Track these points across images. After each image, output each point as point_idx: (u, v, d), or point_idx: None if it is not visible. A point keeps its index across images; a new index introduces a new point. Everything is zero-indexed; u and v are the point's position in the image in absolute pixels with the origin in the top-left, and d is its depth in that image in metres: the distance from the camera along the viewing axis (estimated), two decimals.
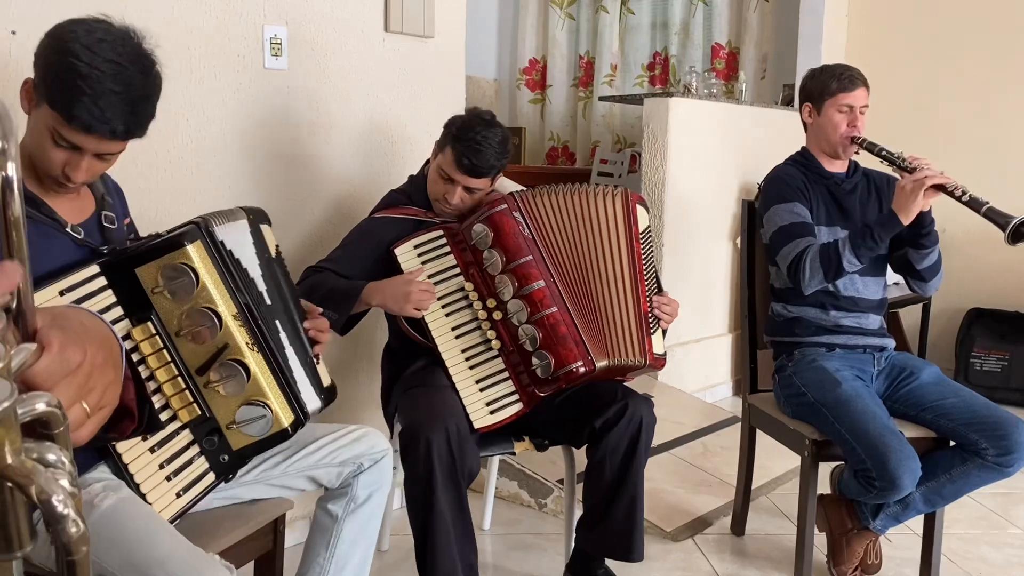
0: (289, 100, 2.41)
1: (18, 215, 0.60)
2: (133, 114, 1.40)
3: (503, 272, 2.06)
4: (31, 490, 0.54)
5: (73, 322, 0.66)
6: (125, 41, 1.39)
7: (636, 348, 2.10)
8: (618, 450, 2.05)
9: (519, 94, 5.90)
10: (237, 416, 1.51)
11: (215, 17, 2.22)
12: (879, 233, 2.17)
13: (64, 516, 0.54)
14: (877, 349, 2.38)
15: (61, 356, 0.61)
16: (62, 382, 0.62)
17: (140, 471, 1.45)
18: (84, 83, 1.34)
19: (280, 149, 2.41)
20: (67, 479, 0.58)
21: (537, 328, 2.04)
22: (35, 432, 0.59)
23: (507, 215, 2.08)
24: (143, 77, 1.41)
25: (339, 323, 2.03)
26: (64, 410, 0.59)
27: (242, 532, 1.62)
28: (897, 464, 2.00)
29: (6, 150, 0.58)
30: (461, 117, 2.15)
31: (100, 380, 0.67)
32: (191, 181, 2.22)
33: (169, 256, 1.44)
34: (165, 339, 1.47)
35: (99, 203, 1.57)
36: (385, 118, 2.66)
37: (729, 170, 4.19)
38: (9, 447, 0.53)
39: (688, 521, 2.74)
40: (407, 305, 2.01)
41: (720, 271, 4.25)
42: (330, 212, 2.55)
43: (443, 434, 1.89)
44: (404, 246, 2.12)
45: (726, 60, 5.34)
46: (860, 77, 2.39)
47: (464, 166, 2.08)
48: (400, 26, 2.62)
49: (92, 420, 0.66)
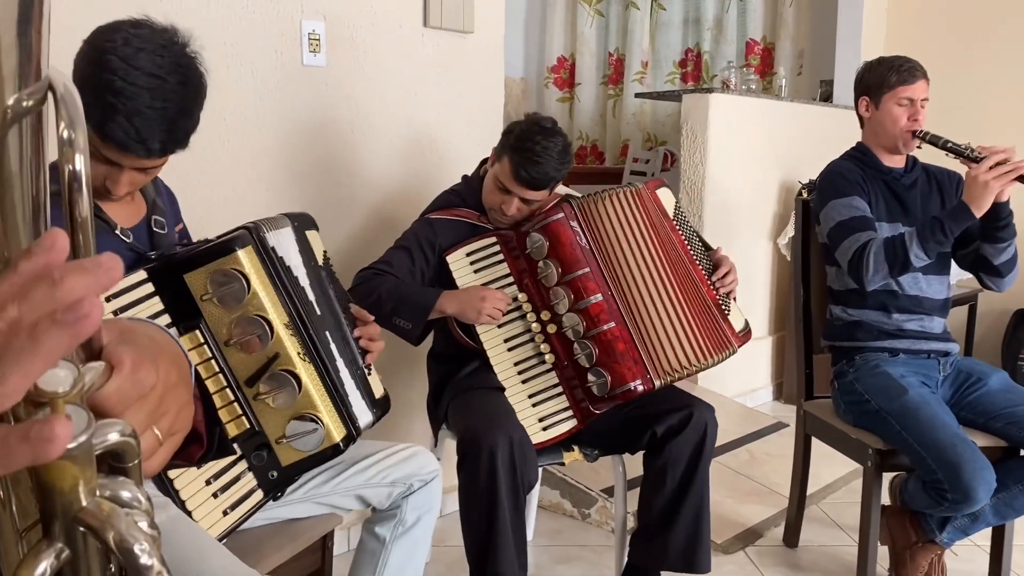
0: (327, 97, 2.33)
1: (86, 215, 0.51)
2: (171, 131, 1.33)
3: (558, 284, 1.97)
4: (109, 537, 0.46)
5: (143, 337, 0.58)
6: (166, 48, 1.31)
7: (708, 350, 2.03)
8: (682, 458, 1.97)
9: (547, 92, 5.80)
10: (287, 430, 1.44)
11: (252, 12, 2.15)
12: (950, 226, 2.06)
13: (148, 568, 0.46)
14: (942, 354, 2.28)
15: (134, 377, 0.53)
16: (135, 406, 0.54)
17: (186, 487, 1.38)
18: (118, 100, 1.26)
19: (318, 147, 2.34)
20: (146, 521, 0.50)
21: (594, 344, 1.96)
22: (104, 465, 0.51)
23: (564, 224, 1.99)
24: (183, 89, 1.33)
25: (414, 334, 1.98)
26: (138, 438, 0.52)
27: (290, 550, 1.54)
28: (972, 475, 1.90)
29: (73, 140, 0.50)
30: (520, 124, 2.03)
31: (173, 402, 0.59)
32: (228, 179, 2.16)
33: (219, 261, 1.38)
34: (213, 348, 1.40)
35: (150, 207, 1.53)
36: (423, 115, 2.58)
37: (770, 168, 4.08)
38: (83, 486, 0.46)
39: (739, 532, 2.65)
40: (482, 315, 1.95)
41: (761, 272, 4.14)
42: (368, 210, 2.48)
43: (507, 443, 1.82)
44: (456, 253, 2.04)
45: (761, 56, 5.23)
46: (920, 69, 2.29)
47: (522, 178, 1.97)
48: (439, 21, 2.54)
49: (164, 447, 0.59)
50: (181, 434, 0.62)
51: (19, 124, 0.46)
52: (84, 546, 0.47)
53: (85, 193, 0.51)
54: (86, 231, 0.52)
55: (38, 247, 0.41)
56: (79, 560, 0.47)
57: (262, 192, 2.22)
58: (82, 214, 0.51)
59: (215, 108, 2.08)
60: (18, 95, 0.44)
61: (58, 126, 0.50)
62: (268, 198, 2.22)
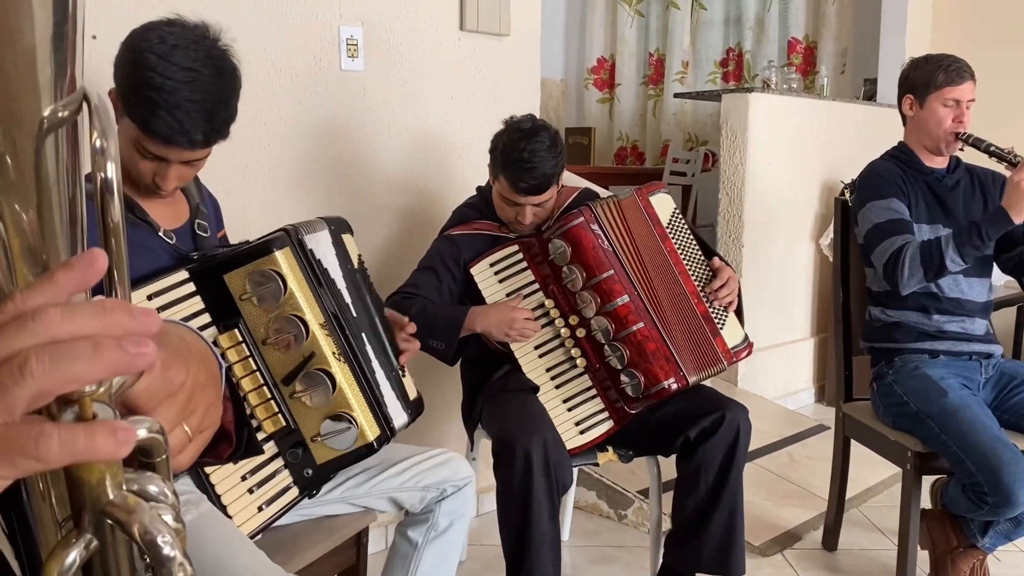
0: (365, 102, 2.37)
1: (118, 221, 0.54)
2: (211, 121, 1.37)
3: (584, 289, 1.98)
4: (134, 529, 0.48)
5: (174, 338, 0.61)
6: (198, 43, 1.35)
7: (700, 361, 2.02)
8: (715, 460, 1.96)
9: (587, 94, 5.81)
10: (322, 429, 1.47)
11: (291, 19, 2.19)
12: (987, 231, 2.03)
13: (171, 559, 0.48)
14: (984, 356, 2.24)
15: (164, 375, 0.55)
16: (164, 404, 0.56)
17: (222, 482, 1.42)
18: (159, 95, 1.31)
19: (356, 151, 2.37)
20: (171, 514, 0.52)
21: (624, 346, 1.96)
22: (134, 460, 0.53)
23: (585, 228, 1.99)
24: (219, 79, 1.37)
25: (448, 354, 2.00)
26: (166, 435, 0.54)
27: (325, 547, 1.57)
28: (1013, 478, 1.87)
29: (105, 149, 0.52)
30: (502, 137, 2.02)
31: (202, 401, 0.61)
32: (268, 182, 2.20)
33: (257, 262, 1.42)
34: (251, 347, 1.44)
35: (193, 211, 1.56)
36: (460, 118, 2.60)
37: (811, 168, 4.04)
38: (111, 480, 0.47)
39: (777, 535, 2.62)
40: (511, 335, 1.98)
41: (802, 273, 4.10)
42: (404, 214, 2.51)
43: (541, 445, 1.83)
44: (480, 264, 2.06)
45: (803, 55, 5.18)
46: (968, 69, 2.25)
47: (522, 189, 1.98)
48: (476, 24, 2.56)
49: (193, 444, 0.61)
50: (210, 431, 0.64)
51: (55, 133, 0.48)
52: (112, 538, 0.49)
53: (117, 200, 0.53)
54: (118, 236, 0.54)
55: (79, 262, 0.44)
56: (107, 551, 0.50)
57: (301, 195, 2.26)
58: (114, 219, 0.54)
59: (255, 113, 2.13)
60: (54, 106, 0.47)
61: (91, 135, 0.53)
62: (307, 201, 2.26)
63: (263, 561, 1.34)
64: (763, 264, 3.85)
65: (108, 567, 0.50)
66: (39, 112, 0.46)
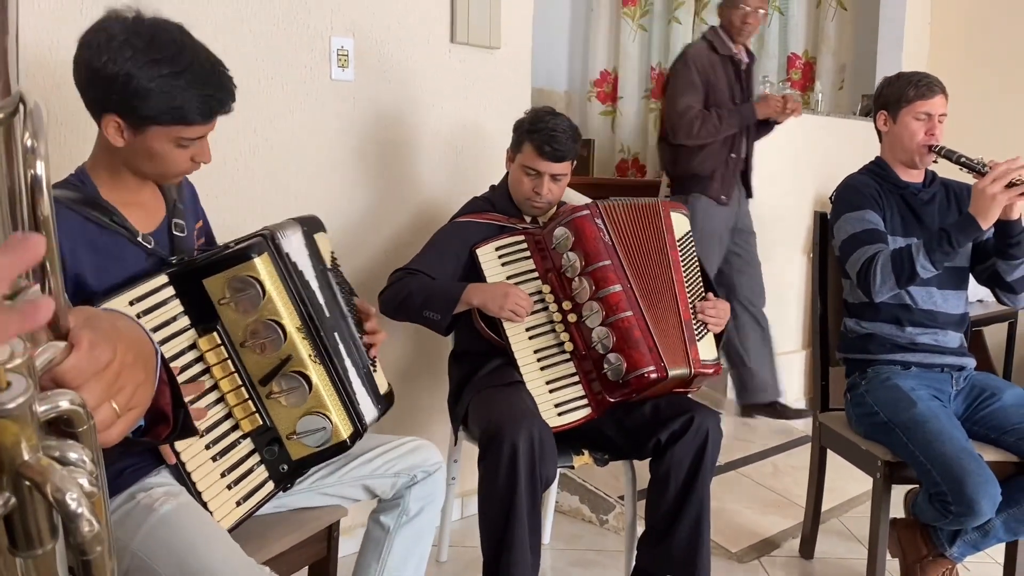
0: (355, 111, 2.43)
1: (47, 215, 0.60)
2: (227, 81, 1.45)
3: (581, 274, 2.07)
4: (46, 488, 0.53)
5: (104, 323, 0.66)
6: (155, 24, 1.39)
7: (678, 357, 2.07)
8: (683, 464, 2.00)
9: (589, 106, 5.86)
10: (298, 427, 1.52)
11: (283, 29, 2.26)
12: (956, 237, 2.07)
13: (78, 515, 0.53)
14: (956, 368, 2.28)
15: (90, 354, 0.61)
16: (91, 380, 0.62)
17: (202, 479, 1.47)
18: (180, 82, 1.37)
19: (347, 160, 2.44)
20: (86, 478, 0.57)
21: (612, 331, 2.04)
22: (59, 431, 0.59)
23: (589, 220, 2.11)
24: (194, 40, 1.42)
25: (442, 324, 2.10)
26: (90, 409, 0.60)
27: (295, 538, 1.62)
28: (975, 488, 1.90)
29: (36, 148, 0.58)
30: (527, 115, 2.24)
31: (130, 380, 0.66)
32: (259, 190, 2.26)
33: (236, 268, 1.46)
34: (230, 349, 1.49)
35: (170, 210, 1.59)
36: (451, 129, 2.66)
37: (804, 182, 4.09)
38: (26, 443, 0.53)
39: (755, 542, 2.66)
40: (505, 308, 2.05)
41: (794, 285, 4.14)
42: (397, 221, 2.57)
43: (528, 437, 1.88)
44: (486, 247, 2.16)
45: (802, 70, 5.22)
46: (938, 84, 2.30)
47: (547, 153, 2.14)
48: (466, 37, 2.63)
49: (122, 420, 0.66)
50: (140, 410, 0.69)
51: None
52: (30, 496, 0.55)
53: (46, 195, 0.60)
54: (48, 229, 0.60)
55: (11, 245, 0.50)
56: (26, 507, 0.55)
57: (290, 200, 2.32)
58: (43, 213, 0.60)
59: (246, 119, 2.20)
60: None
61: (23, 136, 0.59)
62: (297, 206, 2.32)
63: (239, 553, 1.38)
64: None
65: (27, 523, 0.56)
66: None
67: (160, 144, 1.43)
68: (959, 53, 4.66)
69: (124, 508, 1.40)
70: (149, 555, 1.36)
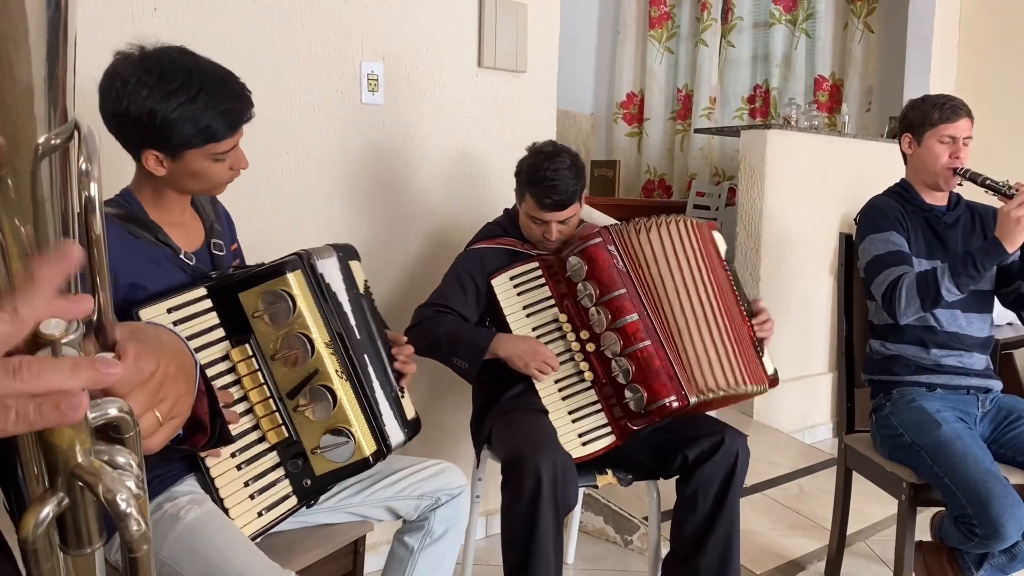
0: (385, 134, 2.49)
1: (99, 234, 0.64)
2: (244, 91, 1.51)
3: (597, 304, 2.07)
4: (98, 488, 0.57)
5: (149, 335, 0.70)
6: (165, 52, 1.45)
7: (743, 376, 2.08)
8: (712, 483, 2.01)
9: (616, 128, 5.91)
10: (322, 441, 1.56)
11: (315, 54, 2.31)
12: (982, 261, 2.07)
13: (127, 514, 0.57)
14: (982, 391, 2.27)
15: (136, 365, 0.65)
16: (136, 390, 0.65)
17: (226, 486, 1.52)
18: (202, 100, 1.43)
19: (376, 182, 2.49)
20: (134, 481, 0.61)
21: (630, 361, 2.03)
22: (107, 436, 0.63)
23: (602, 248, 2.09)
24: (199, 58, 1.48)
25: (471, 373, 2.11)
26: (136, 417, 0.63)
27: (321, 552, 1.65)
28: (1001, 511, 1.90)
29: (90, 171, 0.62)
30: (526, 161, 2.19)
31: (172, 390, 0.70)
32: (291, 212, 2.31)
33: (271, 283, 1.53)
34: (260, 361, 1.54)
35: (208, 231, 1.66)
36: (477, 152, 2.71)
37: (829, 203, 4.08)
38: (80, 447, 0.57)
39: (780, 564, 2.65)
40: (530, 367, 2.06)
41: (820, 307, 4.13)
42: (424, 245, 2.61)
43: (551, 465, 1.89)
44: (500, 277, 2.16)
45: (829, 92, 5.23)
46: (964, 107, 2.30)
47: (548, 205, 2.11)
48: (493, 61, 2.68)
49: (164, 428, 0.69)
50: (181, 419, 0.73)
51: (49, 158, 0.58)
52: (81, 497, 0.59)
53: (99, 215, 0.64)
54: (100, 247, 0.64)
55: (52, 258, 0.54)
56: (77, 508, 0.59)
57: (321, 221, 2.37)
58: (96, 232, 0.64)
59: (277, 142, 2.25)
60: (47, 135, 0.57)
61: (78, 160, 0.63)
62: (327, 227, 2.37)
63: (262, 558, 1.42)
64: (781, 297, 3.89)
65: (79, 522, 0.60)
66: (35, 140, 0.56)
67: (199, 163, 1.50)
68: (987, 75, 4.65)
69: (152, 517, 1.44)
70: (176, 561, 1.40)
